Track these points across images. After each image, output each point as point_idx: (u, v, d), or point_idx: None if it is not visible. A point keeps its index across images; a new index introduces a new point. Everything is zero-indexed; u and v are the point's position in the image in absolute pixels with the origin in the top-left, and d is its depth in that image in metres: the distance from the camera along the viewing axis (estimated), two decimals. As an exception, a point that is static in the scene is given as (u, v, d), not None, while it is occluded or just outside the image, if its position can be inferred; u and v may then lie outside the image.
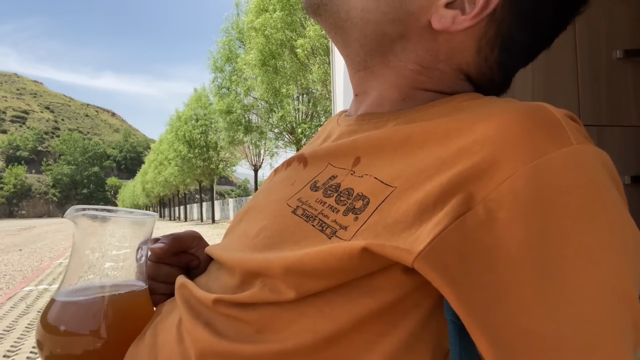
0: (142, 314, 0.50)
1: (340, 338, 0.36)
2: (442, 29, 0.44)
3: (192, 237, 0.58)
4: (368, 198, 0.38)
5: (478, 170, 0.34)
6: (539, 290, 0.30)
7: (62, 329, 0.46)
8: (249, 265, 0.41)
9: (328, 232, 0.38)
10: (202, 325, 0.40)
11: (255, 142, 19.97)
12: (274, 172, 0.58)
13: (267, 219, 0.46)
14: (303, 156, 0.52)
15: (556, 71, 1.43)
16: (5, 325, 3.89)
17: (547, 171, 0.32)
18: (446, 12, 0.44)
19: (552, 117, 0.35)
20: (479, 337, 0.31)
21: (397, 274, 0.35)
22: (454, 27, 0.44)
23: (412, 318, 0.36)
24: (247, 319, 0.39)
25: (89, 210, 0.48)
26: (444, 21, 0.44)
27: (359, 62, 0.50)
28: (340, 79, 1.57)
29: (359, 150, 0.44)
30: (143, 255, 0.51)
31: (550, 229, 0.31)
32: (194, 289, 0.45)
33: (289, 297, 0.37)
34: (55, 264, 8.13)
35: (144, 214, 0.51)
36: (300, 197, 0.45)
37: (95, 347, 0.45)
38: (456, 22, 0.44)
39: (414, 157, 0.39)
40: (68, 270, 0.49)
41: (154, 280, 0.54)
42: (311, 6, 0.50)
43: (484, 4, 0.43)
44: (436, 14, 0.44)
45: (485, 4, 0.43)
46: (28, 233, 21.20)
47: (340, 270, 0.35)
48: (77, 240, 0.49)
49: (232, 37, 18.80)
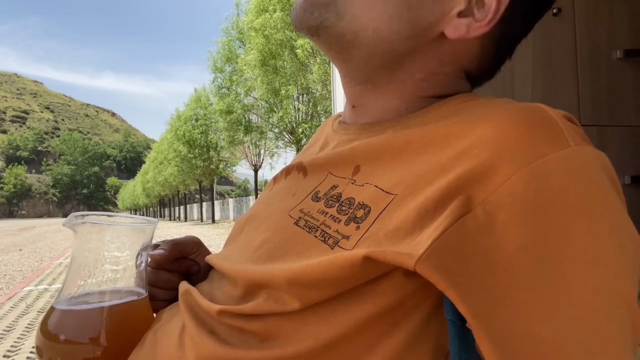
0: (142, 321, 0.49)
1: (341, 342, 0.36)
2: (458, 38, 0.44)
3: (192, 242, 0.58)
4: (369, 207, 0.38)
5: (477, 173, 0.34)
6: (538, 293, 0.30)
7: (62, 338, 0.46)
8: (253, 277, 0.41)
9: (330, 243, 0.38)
10: (207, 333, 0.40)
11: (255, 142, 19.98)
12: (273, 180, 0.58)
13: (269, 231, 0.45)
14: (302, 165, 0.52)
15: (556, 71, 1.43)
16: (5, 325, 3.89)
17: (545, 173, 0.32)
18: (460, 21, 0.44)
19: (549, 119, 0.35)
20: (482, 339, 0.31)
21: (398, 278, 0.35)
22: (470, 34, 0.44)
23: (412, 319, 0.36)
24: (251, 329, 0.39)
25: (89, 217, 0.47)
26: (459, 30, 0.44)
27: (359, 77, 0.49)
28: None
29: (358, 158, 0.44)
30: (143, 262, 0.51)
31: (548, 231, 0.31)
32: (198, 297, 0.45)
33: (293, 307, 0.37)
34: (55, 264, 8.13)
35: (145, 220, 0.51)
36: (302, 209, 0.45)
37: (95, 355, 0.45)
38: (471, 30, 0.44)
39: (413, 164, 0.39)
40: (68, 278, 0.49)
41: (154, 286, 0.54)
42: (307, 28, 0.47)
43: (496, 8, 0.43)
44: (450, 25, 0.44)
45: (497, 9, 0.43)
46: (28, 233, 21.20)
47: (342, 279, 0.35)
48: (77, 248, 0.49)
49: (232, 38, 18.81)
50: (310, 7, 0.46)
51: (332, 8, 0.45)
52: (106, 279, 0.50)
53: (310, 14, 0.46)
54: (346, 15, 0.44)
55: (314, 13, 0.45)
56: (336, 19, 0.45)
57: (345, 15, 0.44)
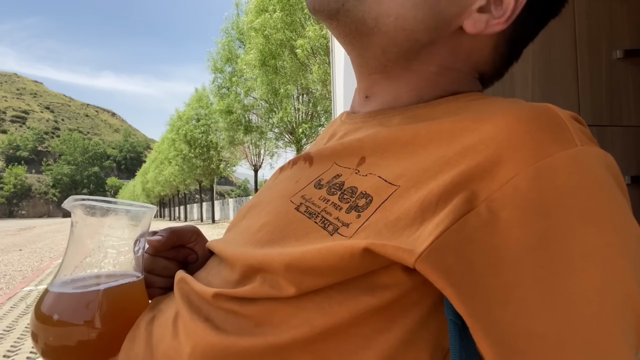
0: (137, 305, 0.49)
1: (337, 333, 0.36)
2: (476, 33, 0.45)
3: (190, 231, 0.58)
4: (371, 196, 0.38)
5: (481, 169, 0.34)
6: (541, 292, 0.30)
7: (55, 318, 0.45)
8: (250, 260, 0.41)
9: (330, 229, 0.38)
10: (202, 320, 0.40)
11: (255, 142, 19.98)
12: (280, 170, 0.58)
13: (269, 215, 0.46)
14: (309, 155, 0.52)
15: (556, 71, 1.43)
16: (5, 325, 3.89)
17: (550, 172, 0.32)
18: (480, 16, 0.44)
19: (557, 118, 0.35)
20: (480, 338, 0.31)
21: (397, 273, 0.35)
22: (487, 30, 0.44)
23: (411, 316, 0.36)
24: (246, 313, 0.39)
25: (88, 200, 0.47)
26: (479, 25, 0.44)
27: (375, 66, 0.48)
28: (340, 79, 1.57)
29: (365, 150, 0.44)
30: (140, 248, 0.51)
31: (552, 230, 0.31)
32: (193, 283, 0.45)
33: (289, 293, 0.37)
34: (55, 264, 8.13)
35: (143, 206, 0.51)
36: (304, 195, 0.45)
37: (89, 337, 0.45)
38: (489, 26, 0.44)
39: (418, 157, 0.39)
40: (64, 260, 0.48)
41: (151, 273, 0.54)
42: (326, 10, 0.45)
43: (514, 7, 0.44)
44: (470, 19, 0.44)
45: (514, 7, 0.44)
46: (28, 233, 21.20)
47: (341, 269, 0.35)
48: (75, 231, 0.48)
49: (232, 38, 18.82)
50: None
51: None
52: (103, 263, 0.50)
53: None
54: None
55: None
56: (358, 2, 0.44)
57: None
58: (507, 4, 0.44)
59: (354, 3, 0.44)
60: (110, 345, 0.46)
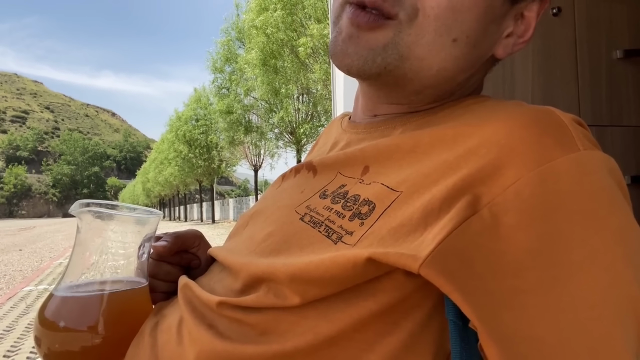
0: (141, 311, 0.49)
1: (341, 339, 0.36)
2: (505, 56, 0.46)
3: (194, 236, 0.58)
4: (374, 203, 0.38)
5: (484, 173, 0.34)
6: (544, 297, 0.30)
7: (59, 324, 0.45)
8: (254, 269, 0.41)
9: (334, 238, 0.39)
10: (205, 327, 0.41)
11: (256, 143, 19.98)
12: (282, 177, 0.58)
13: (274, 225, 0.46)
14: (312, 164, 0.52)
15: (556, 71, 1.43)
16: (5, 325, 3.89)
17: (553, 177, 0.32)
18: (508, 41, 0.46)
19: (559, 122, 0.35)
20: (486, 341, 0.31)
21: (399, 277, 0.35)
22: (514, 50, 0.46)
23: (412, 318, 0.36)
24: (250, 321, 0.39)
25: (95, 206, 0.47)
26: (507, 49, 0.46)
27: (397, 99, 0.47)
28: (340, 79, 1.57)
29: (368, 159, 0.45)
30: (145, 253, 0.51)
31: (555, 234, 0.31)
32: (197, 290, 0.45)
33: (293, 302, 0.37)
34: (56, 264, 8.13)
35: (148, 212, 0.51)
36: (309, 205, 0.45)
37: (93, 343, 0.45)
38: (515, 46, 0.46)
39: (420, 163, 0.39)
40: (69, 265, 0.49)
41: (155, 278, 0.55)
42: (366, 74, 0.43)
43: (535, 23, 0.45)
44: (500, 45, 0.46)
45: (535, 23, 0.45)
46: (28, 233, 21.20)
47: (344, 278, 0.35)
48: (81, 236, 0.49)
49: (232, 38, 18.80)
50: (370, 54, 0.41)
51: (393, 50, 0.41)
52: (108, 268, 0.50)
53: (373, 62, 0.41)
54: (411, 56, 0.41)
55: (376, 60, 0.41)
56: (399, 62, 0.41)
57: (410, 56, 0.41)
58: (529, 20, 0.45)
59: (396, 64, 0.42)
60: (114, 350, 0.46)
